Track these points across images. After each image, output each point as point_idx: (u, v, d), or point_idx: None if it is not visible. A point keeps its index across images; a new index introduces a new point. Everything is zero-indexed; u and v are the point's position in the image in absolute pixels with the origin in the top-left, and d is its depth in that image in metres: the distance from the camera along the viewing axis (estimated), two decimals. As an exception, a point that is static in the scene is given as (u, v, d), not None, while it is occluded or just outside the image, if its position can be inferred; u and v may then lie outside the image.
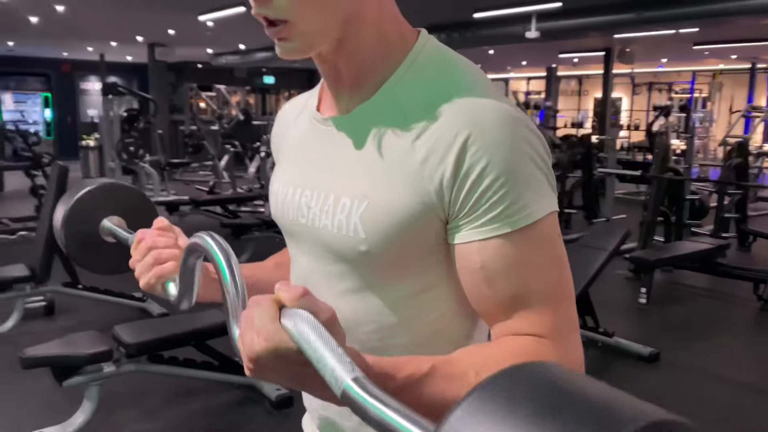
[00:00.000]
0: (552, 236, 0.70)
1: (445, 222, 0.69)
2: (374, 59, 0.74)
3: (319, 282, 0.79)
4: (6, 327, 4.01)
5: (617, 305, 4.95)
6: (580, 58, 13.26)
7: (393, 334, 0.75)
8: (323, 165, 0.77)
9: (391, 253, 0.71)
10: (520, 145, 0.67)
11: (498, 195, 0.66)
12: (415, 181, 0.68)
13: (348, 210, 0.71)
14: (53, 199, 4.13)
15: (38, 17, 8.86)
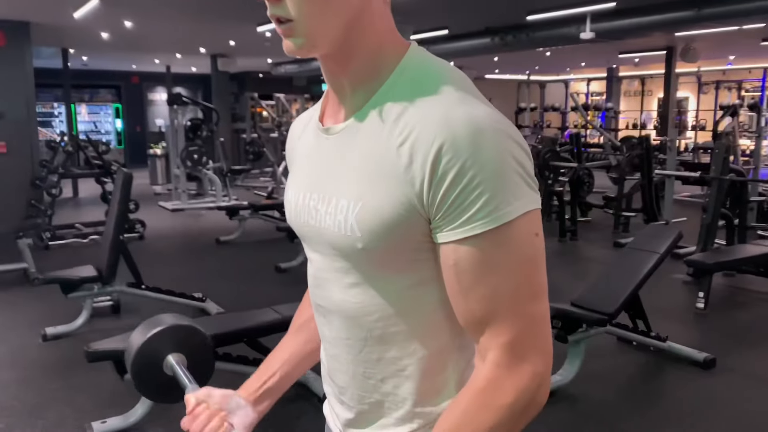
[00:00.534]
0: (526, 235, 0.73)
1: (429, 222, 0.75)
2: (370, 68, 0.79)
3: (329, 277, 0.86)
4: (76, 324, 4.28)
5: (673, 310, 4.82)
6: (641, 57, 12.90)
7: (394, 323, 0.81)
8: (327, 171, 0.83)
9: (383, 249, 0.77)
10: (493, 150, 0.70)
11: (471, 198, 0.70)
12: (399, 185, 0.74)
13: (345, 211, 0.78)
14: (118, 204, 4.37)
15: (109, 33, 9.34)
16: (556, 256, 6.79)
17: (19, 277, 5.57)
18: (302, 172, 0.90)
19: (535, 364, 0.75)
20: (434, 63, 0.81)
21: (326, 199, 0.82)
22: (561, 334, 3.39)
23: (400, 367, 0.83)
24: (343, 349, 0.88)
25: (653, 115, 16.18)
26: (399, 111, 0.76)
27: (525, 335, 0.75)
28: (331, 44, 0.78)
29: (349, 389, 0.89)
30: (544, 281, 0.77)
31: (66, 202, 10.14)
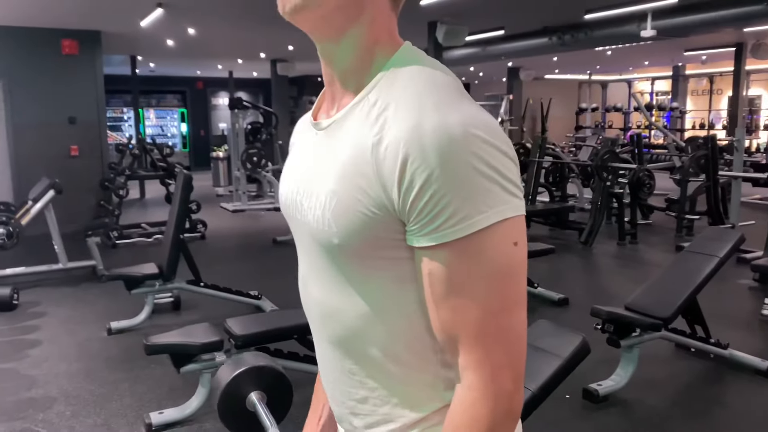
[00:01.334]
0: (498, 244, 0.70)
1: (403, 223, 0.72)
2: (361, 61, 0.80)
3: (311, 277, 0.87)
4: (138, 319, 4.48)
5: (737, 316, 4.64)
6: (709, 55, 12.41)
7: (373, 322, 0.79)
8: (312, 165, 0.83)
9: (359, 245, 0.75)
10: (462, 159, 0.68)
11: (439, 207, 0.68)
12: (372, 184, 0.72)
13: (323, 205, 0.77)
14: (178, 204, 4.55)
15: (173, 40, 9.71)
16: (614, 259, 6.63)
17: (88, 274, 5.86)
18: (293, 168, 0.90)
19: (505, 383, 0.72)
20: (421, 63, 0.78)
21: (309, 193, 0.81)
22: (613, 338, 3.33)
23: (382, 366, 0.81)
24: (327, 347, 0.88)
25: (722, 115, 15.53)
26: (380, 109, 0.74)
27: (494, 352, 0.72)
28: (322, 18, 0.78)
29: (337, 386, 0.89)
30: (521, 292, 0.74)
31: (133, 202, 10.59)
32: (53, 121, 8.21)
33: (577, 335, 2.14)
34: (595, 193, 7.30)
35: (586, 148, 10.92)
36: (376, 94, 0.76)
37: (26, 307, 4.95)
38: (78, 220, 7.81)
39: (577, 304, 4.76)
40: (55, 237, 5.69)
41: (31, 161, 8.02)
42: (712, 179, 7.31)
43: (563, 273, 6.02)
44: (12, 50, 7.95)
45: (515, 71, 14.59)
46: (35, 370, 3.75)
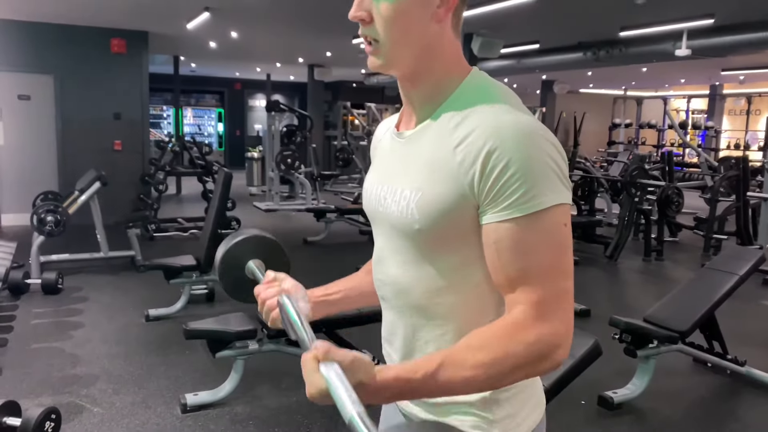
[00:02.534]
0: (556, 223, 0.88)
1: (477, 208, 0.90)
2: (436, 88, 0.99)
3: (387, 256, 1.06)
4: (175, 308, 4.71)
5: (758, 335, 4.68)
6: (747, 75, 12.33)
7: (439, 296, 0.98)
8: (396, 167, 1.02)
9: (436, 231, 0.94)
10: (533, 150, 0.87)
11: (513, 187, 0.86)
12: (454, 178, 0.90)
13: (408, 199, 0.96)
14: (218, 200, 4.77)
15: (216, 42, 10.03)
16: (638, 274, 6.68)
17: (127, 264, 6.13)
18: (377, 169, 1.11)
19: (557, 326, 0.87)
20: (489, 83, 0.98)
21: (393, 189, 1.00)
22: (630, 348, 3.43)
23: (442, 333, 0.99)
24: (396, 314, 1.06)
25: (759, 136, 15.35)
26: (458, 120, 0.93)
27: (551, 301, 0.88)
28: (406, 66, 0.98)
29: (401, 349, 1.06)
30: (571, 264, 0.91)
31: (170, 198, 10.91)
32: (99, 117, 8.57)
33: (590, 337, 2.27)
34: (623, 208, 7.35)
35: (618, 164, 10.94)
36: (453, 109, 0.95)
37: (70, 292, 5.22)
38: (118, 212, 8.09)
39: (598, 315, 4.84)
40: (98, 227, 5.97)
41: (76, 154, 8.38)
42: (742, 200, 7.31)
43: (587, 285, 6.10)
44: (63, 47, 8.32)
45: (549, 84, 14.64)
46: (79, 350, 3.99)
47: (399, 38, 0.95)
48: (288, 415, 3.20)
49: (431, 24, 0.95)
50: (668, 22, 6.81)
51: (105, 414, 3.16)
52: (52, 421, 2.84)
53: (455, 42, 1.00)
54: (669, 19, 6.75)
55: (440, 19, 0.95)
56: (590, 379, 3.53)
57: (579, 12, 6.95)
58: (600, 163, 13.78)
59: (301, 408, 3.26)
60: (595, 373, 3.60)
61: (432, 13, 0.95)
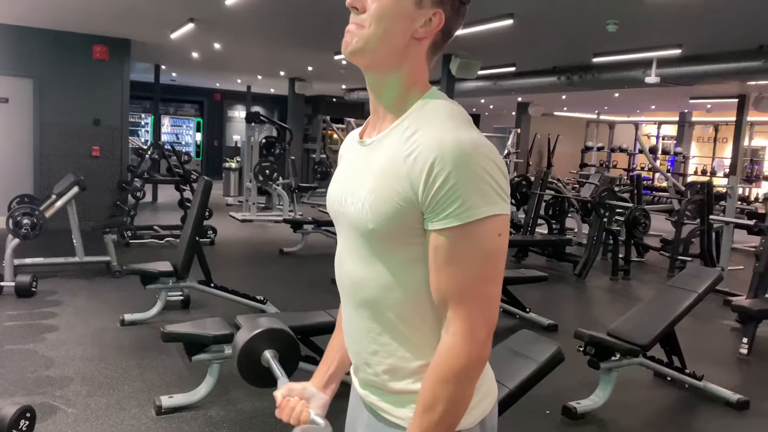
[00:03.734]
0: (489, 234, 0.98)
1: (422, 214, 1.00)
2: (400, 101, 1.09)
3: (346, 253, 1.16)
4: (150, 313, 4.74)
5: (716, 353, 4.88)
6: (714, 104, 12.76)
7: (391, 290, 1.07)
8: (357, 171, 1.12)
9: (387, 230, 1.03)
10: (471, 166, 0.96)
11: (451, 200, 0.96)
12: (403, 184, 1.00)
13: (363, 200, 1.05)
14: (197, 207, 4.83)
15: (199, 53, 10.09)
16: (605, 292, 6.88)
17: (102, 269, 6.14)
18: (341, 173, 1.21)
19: (480, 333, 1.00)
20: (443, 101, 1.09)
21: (352, 191, 1.09)
22: (594, 360, 3.57)
23: (393, 325, 1.09)
24: (353, 309, 1.15)
25: (725, 163, 15.83)
26: (411, 132, 1.03)
27: (476, 310, 1.00)
28: (375, 62, 1.08)
29: (356, 340, 1.17)
30: (500, 271, 1.02)
31: (146, 205, 10.88)
32: (78, 122, 8.57)
33: (553, 344, 2.40)
34: (592, 228, 7.57)
35: (589, 185, 11.21)
36: (408, 122, 1.06)
37: (44, 295, 5.22)
38: (94, 217, 8.12)
39: (565, 330, 5.00)
40: (75, 231, 5.97)
41: (54, 158, 8.37)
42: (706, 223, 7.58)
43: (555, 301, 6.27)
44: (45, 52, 8.33)
45: (525, 106, 14.96)
46: (53, 352, 4.01)
47: (380, 35, 1.05)
48: (262, 419, 3.27)
49: (410, 38, 1.07)
50: (639, 50, 7.09)
51: (79, 415, 3.19)
52: (26, 419, 2.87)
53: (425, 65, 1.11)
54: (640, 48, 7.03)
55: (420, 37, 1.07)
56: (555, 390, 3.70)
57: (554, 37, 7.19)
58: (572, 184, 14.08)
59: (273, 412, 3.32)
60: (560, 384, 3.76)
61: (414, 29, 1.06)
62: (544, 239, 8.16)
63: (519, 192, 9.12)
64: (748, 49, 6.72)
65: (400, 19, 1.05)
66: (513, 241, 8.02)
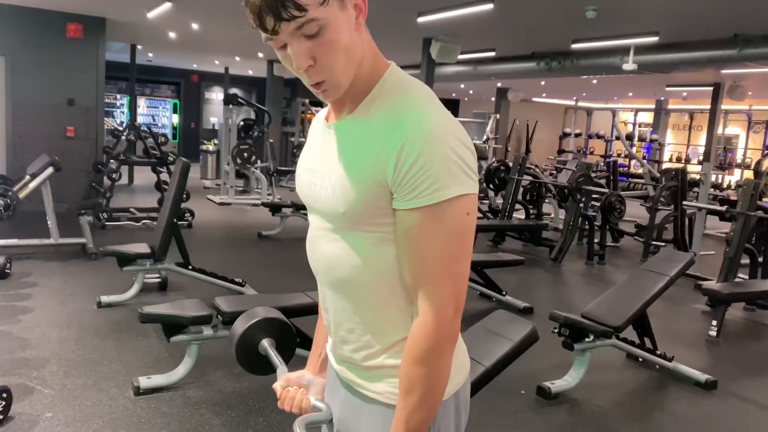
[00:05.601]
0: (458, 213, 0.99)
1: (392, 195, 1.00)
2: (361, 86, 1.06)
3: (318, 236, 1.16)
4: (128, 295, 4.71)
5: (687, 335, 5.00)
6: (690, 92, 12.94)
7: (363, 271, 1.08)
8: (324, 155, 1.11)
9: (357, 213, 1.03)
10: (439, 146, 0.96)
11: (420, 180, 0.96)
12: (372, 166, 0.99)
13: (333, 185, 1.05)
14: (175, 189, 4.80)
15: (176, 33, 9.94)
16: (581, 276, 6.98)
17: (78, 251, 6.07)
18: (308, 156, 1.21)
19: (449, 311, 1.02)
20: (406, 80, 1.07)
21: (322, 175, 1.09)
22: (568, 342, 3.65)
23: (367, 304, 1.10)
24: (328, 290, 1.17)
25: (700, 150, 16.09)
26: (377, 113, 1.03)
27: (444, 288, 1.01)
28: (349, 82, 1.05)
29: (333, 320, 1.19)
30: (468, 249, 1.03)
31: (122, 187, 10.76)
32: (52, 102, 8.42)
33: (528, 323, 2.44)
34: (568, 213, 7.67)
35: (566, 171, 11.31)
36: (374, 104, 1.06)
37: (18, 277, 5.16)
38: (69, 199, 8.01)
39: (540, 313, 5.08)
40: (49, 213, 5.89)
41: (27, 138, 8.22)
42: (679, 209, 7.72)
43: (531, 285, 6.36)
44: (17, 29, 8.14)
45: (504, 92, 15.01)
46: (28, 334, 3.98)
47: (345, 62, 1.01)
48: (240, 398, 3.29)
49: (356, 35, 1.03)
50: (617, 37, 7.16)
51: (56, 395, 3.18)
52: (2, 399, 2.86)
53: (370, 39, 1.09)
54: (618, 35, 7.10)
55: (359, 27, 1.05)
56: (530, 370, 3.77)
57: (533, 23, 7.22)
58: (550, 170, 14.21)
59: (252, 392, 3.36)
60: (535, 365, 3.84)
61: (354, 25, 1.02)
62: (521, 224, 8.24)
63: (497, 177, 9.18)
64: (723, 37, 6.83)
65: (346, 34, 1.00)
66: (490, 226, 8.12)
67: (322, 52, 0.99)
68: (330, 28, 0.97)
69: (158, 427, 2.95)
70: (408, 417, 1.04)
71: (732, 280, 5.55)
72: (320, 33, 0.97)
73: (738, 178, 15.31)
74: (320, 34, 0.97)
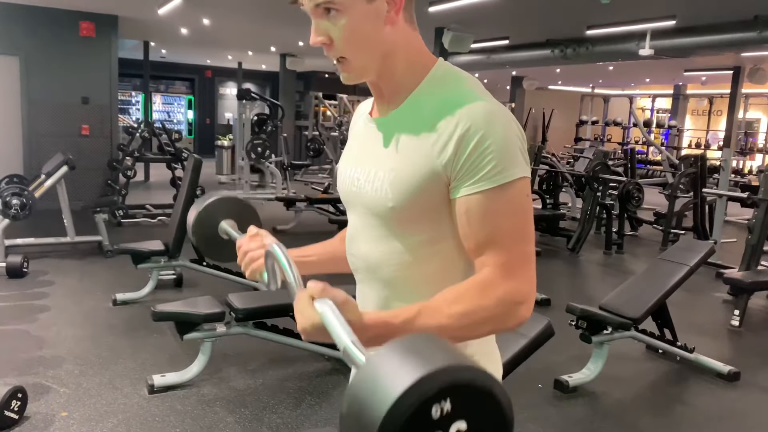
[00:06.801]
0: (520, 194, 0.98)
1: (448, 185, 0.98)
2: (403, 80, 1.06)
3: (359, 234, 1.13)
4: (142, 293, 4.72)
5: (708, 325, 4.90)
6: (709, 76, 12.69)
7: (409, 270, 1.06)
8: (369, 150, 1.10)
9: (408, 208, 1.01)
10: (504, 129, 0.96)
11: (483, 162, 0.95)
12: (426, 158, 0.99)
13: (382, 179, 1.04)
14: (187, 186, 4.79)
15: (188, 29, 9.94)
16: (599, 267, 6.89)
17: (94, 249, 6.11)
18: (351, 152, 1.18)
19: (522, 285, 0.97)
20: (455, 71, 1.07)
21: (366, 171, 1.08)
22: (585, 334, 3.58)
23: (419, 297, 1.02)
24: (368, 287, 1.14)
25: (720, 136, 15.81)
26: (428, 105, 1.02)
27: (516, 263, 0.98)
28: (374, 72, 1.06)
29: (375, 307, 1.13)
30: (533, 230, 1.02)
31: (138, 184, 10.81)
32: (67, 100, 8.46)
33: (544, 318, 2.39)
34: (585, 202, 7.56)
35: (583, 160, 11.18)
36: (424, 96, 1.04)
37: (35, 276, 5.19)
38: (84, 197, 8.06)
39: (558, 305, 5.00)
40: (65, 211, 5.93)
41: (42, 137, 8.28)
42: (699, 196, 7.58)
43: (549, 276, 6.28)
44: (31, 28, 8.19)
45: (519, 80, 14.85)
46: (44, 332, 4.00)
47: (362, 52, 1.03)
48: (254, 396, 3.27)
49: (386, 29, 1.03)
50: (632, 22, 7.01)
51: (71, 394, 3.19)
52: (18, 399, 2.87)
53: (413, 34, 1.07)
54: (633, 20, 6.95)
55: (393, 21, 1.03)
56: (547, 364, 3.71)
57: (547, 9, 7.10)
58: (567, 159, 14.05)
59: (267, 389, 3.34)
60: (552, 358, 3.78)
61: (384, 19, 1.02)
62: (537, 214, 8.14)
63: (513, 167, 9.06)
64: (743, 19, 6.65)
65: (366, 22, 1.01)
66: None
67: (338, 35, 1.01)
68: (347, 14, 1.00)
69: (172, 425, 2.94)
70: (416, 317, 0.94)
71: (754, 268, 5.43)
72: (337, 16, 1.00)
73: (759, 163, 15.02)
74: (337, 17, 1.00)
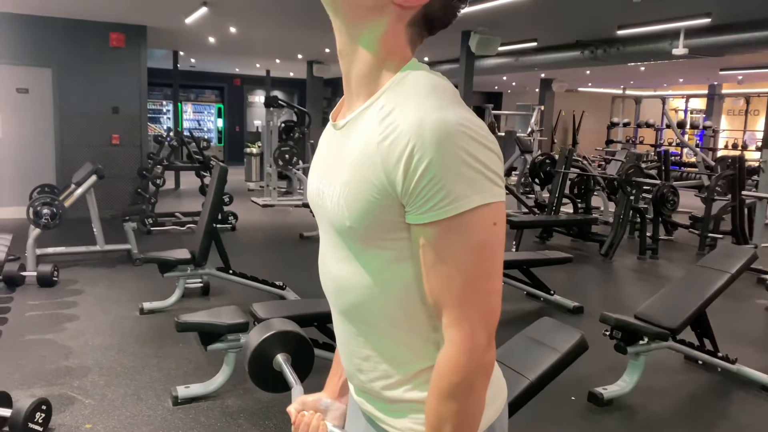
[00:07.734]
0: (482, 225, 0.85)
1: (403, 206, 0.86)
2: (372, 73, 0.94)
3: (328, 251, 1.04)
4: (169, 302, 4.72)
5: (751, 334, 4.70)
6: (745, 75, 12.33)
7: (376, 293, 0.94)
8: (331, 159, 0.98)
9: (366, 227, 0.90)
10: (455, 150, 0.81)
11: (434, 190, 0.82)
12: (378, 175, 0.86)
13: (338, 194, 0.92)
14: (213, 194, 4.78)
15: (215, 38, 10.02)
16: (633, 272, 6.70)
17: (123, 257, 6.15)
18: (317, 160, 1.07)
19: (480, 338, 0.87)
20: (423, 75, 0.92)
21: (329, 183, 0.96)
22: (620, 345, 3.44)
23: (383, 330, 0.97)
24: (338, 314, 1.04)
25: (758, 136, 15.36)
26: (386, 113, 0.88)
27: (474, 312, 0.87)
28: (346, 16, 0.94)
29: (347, 347, 1.05)
30: (497, 265, 0.89)
31: (168, 192, 10.93)
32: (97, 111, 8.58)
33: (577, 332, 2.28)
34: (618, 206, 7.37)
35: (615, 163, 10.94)
36: (384, 99, 0.91)
37: (65, 284, 5.24)
38: (115, 205, 8.15)
39: (591, 313, 4.86)
40: (95, 220, 5.98)
41: (74, 147, 8.41)
42: (737, 199, 7.33)
43: (581, 283, 6.12)
44: (62, 41, 8.33)
45: (548, 82, 14.64)
46: (72, 342, 4.01)
47: None
48: (279, 408, 3.21)
49: (390, 4, 0.92)
50: (665, 20, 6.82)
51: (96, 406, 3.17)
52: (42, 412, 2.85)
53: (403, 36, 0.95)
54: (666, 18, 6.76)
55: (399, 2, 0.92)
56: (580, 376, 3.58)
57: (576, 10, 6.95)
58: (598, 162, 13.78)
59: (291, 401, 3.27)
60: (586, 370, 3.64)
61: None
62: (569, 219, 7.98)
63: (543, 171, 8.92)
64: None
65: None
66: (537, 222, 7.89)
67: None
68: None
69: (195, 438, 2.90)
70: None
71: (798, 274, 5.21)
72: None
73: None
74: None
